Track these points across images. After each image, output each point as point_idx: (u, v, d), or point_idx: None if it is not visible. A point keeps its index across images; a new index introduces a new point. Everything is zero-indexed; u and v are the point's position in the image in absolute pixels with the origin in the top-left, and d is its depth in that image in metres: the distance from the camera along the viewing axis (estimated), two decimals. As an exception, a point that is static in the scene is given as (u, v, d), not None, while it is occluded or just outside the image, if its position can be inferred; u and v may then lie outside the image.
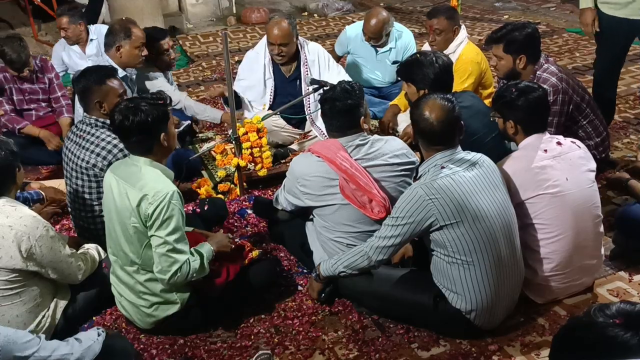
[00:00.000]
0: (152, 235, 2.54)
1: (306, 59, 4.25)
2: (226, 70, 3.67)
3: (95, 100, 3.14)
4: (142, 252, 2.60)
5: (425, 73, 3.12)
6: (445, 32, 4.08)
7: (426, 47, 4.36)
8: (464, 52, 4.09)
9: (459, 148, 2.65)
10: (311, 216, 3.05)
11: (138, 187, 2.53)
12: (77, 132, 3.20)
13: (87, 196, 3.16)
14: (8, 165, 2.58)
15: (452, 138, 2.62)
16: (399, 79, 4.13)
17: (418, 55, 3.28)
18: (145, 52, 4.02)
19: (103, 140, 3.10)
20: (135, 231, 2.57)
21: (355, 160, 2.81)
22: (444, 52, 4.06)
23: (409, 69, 3.23)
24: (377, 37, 4.63)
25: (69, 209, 3.38)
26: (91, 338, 2.28)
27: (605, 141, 3.68)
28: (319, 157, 2.84)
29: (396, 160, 2.85)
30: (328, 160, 2.80)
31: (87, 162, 3.10)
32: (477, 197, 2.51)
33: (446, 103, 2.61)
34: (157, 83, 4.21)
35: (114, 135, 3.09)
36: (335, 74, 4.26)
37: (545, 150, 2.75)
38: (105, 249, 3.01)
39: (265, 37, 4.28)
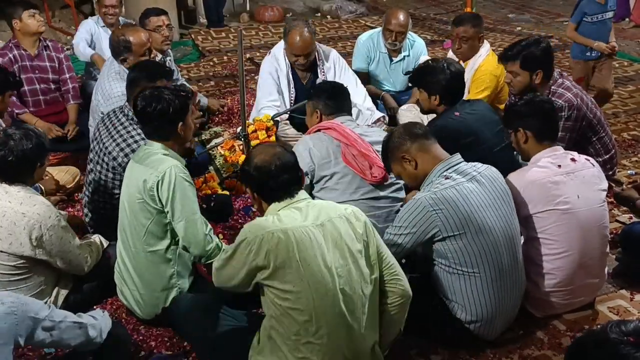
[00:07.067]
0: (168, 211, 2.57)
1: (323, 65, 4.25)
2: (239, 68, 3.68)
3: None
4: (146, 230, 2.62)
5: (437, 80, 3.18)
6: (472, 40, 4.08)
7: (450, 54, 4.36)
8: (484, 63, 4.09)
9: (459, 157, 2.62)
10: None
11: (146, 164, 2.61)
12: (113, 117, 3.20)
13: (102, 182, 3.19)
14: (29, 158, 2.57)
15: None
16: (410, 85, 4.15)
17: (430, 61, 3.35)
18: (154, 53, 3.94)
19: (132, 137, 3.11)
20: (141, 208, 2.60)
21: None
22: (468, 59, 4.09)
23: (420, 76, 3.29)
24: (404, 30, 4.54)
25: (84, 189, 3.39)
26: (99, 314, 2.38)
27: (614, 159, 3.67)
28: (318, 130, 3.07)
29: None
30: (329, 130, 3.01)
31: (110, 153, 3.12)
32: (482, 209, 2.50)
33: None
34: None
35: (143, 135, 3.09)
36: (351, 75, 4.28)
37: (559, 166, 2.74)
38: (111, 235, 3.01)
39: (282, 42, 4.21)
